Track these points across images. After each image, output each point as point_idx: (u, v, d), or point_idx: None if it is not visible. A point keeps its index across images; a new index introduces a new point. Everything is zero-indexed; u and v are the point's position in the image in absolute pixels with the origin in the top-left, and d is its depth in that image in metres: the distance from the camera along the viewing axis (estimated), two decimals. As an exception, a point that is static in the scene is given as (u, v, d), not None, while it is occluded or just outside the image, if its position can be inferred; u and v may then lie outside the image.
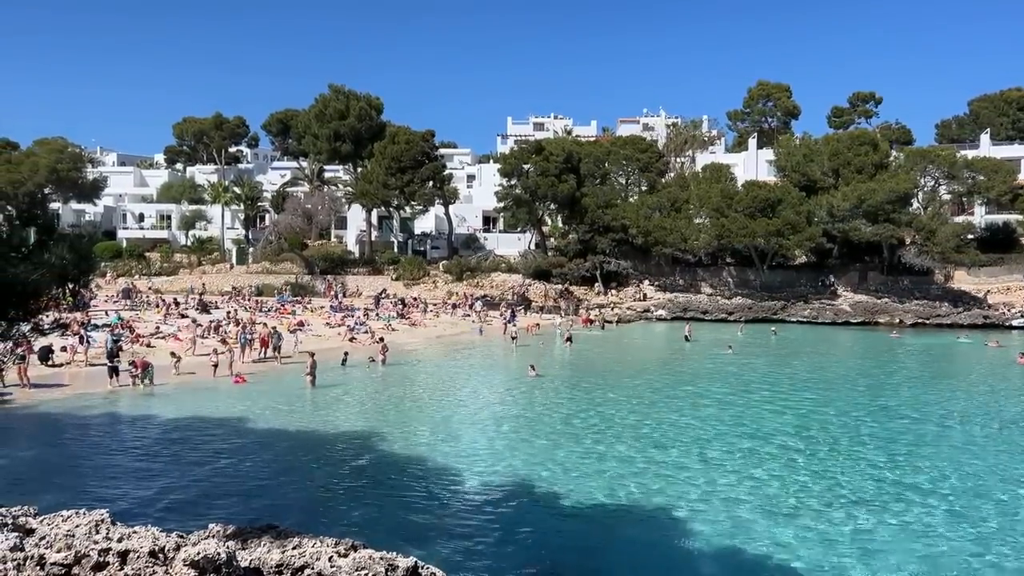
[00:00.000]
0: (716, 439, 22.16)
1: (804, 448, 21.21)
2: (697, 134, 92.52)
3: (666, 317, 60.87)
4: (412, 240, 77.66)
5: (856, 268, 65.08)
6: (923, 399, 29.15)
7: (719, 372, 35.57)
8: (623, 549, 14.25)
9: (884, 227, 60.04)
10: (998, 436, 23.06)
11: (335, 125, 71.98)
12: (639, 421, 24.57)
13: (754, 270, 65.11)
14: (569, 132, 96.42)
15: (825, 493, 17.18)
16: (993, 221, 67.11)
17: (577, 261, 66.11)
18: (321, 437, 22.41)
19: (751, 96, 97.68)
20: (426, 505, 16.32)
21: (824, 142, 70.20)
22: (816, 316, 60.44)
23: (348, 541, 7.89)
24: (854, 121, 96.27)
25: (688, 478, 18.26)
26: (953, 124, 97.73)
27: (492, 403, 28.32)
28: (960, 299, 60.64)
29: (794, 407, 27.20)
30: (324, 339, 42.78)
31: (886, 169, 64.20)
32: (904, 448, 21.29)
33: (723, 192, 63.93)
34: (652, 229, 63.89)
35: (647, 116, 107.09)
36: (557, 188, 65.41)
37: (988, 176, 63.24)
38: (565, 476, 18.42)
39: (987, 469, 19.28)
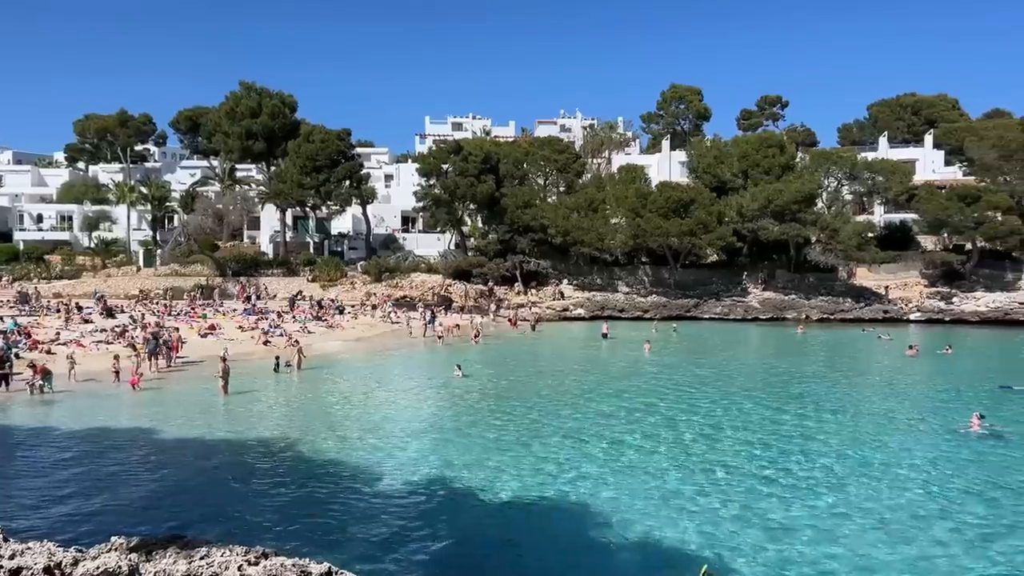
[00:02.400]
0: (633, 434, 22.59)
1: (712, 437, 21.90)
2: (613, 136, 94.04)
3: (584, 316, 61.64)
4: (329, 241, 76.32)
5: (765, 266, 67.23)
6: (818, 389, 30.41)
7: (637, 369, 36.24)
8: (543, 542, 14.38)
9: (791, 226, 62.23)
10: (886, 423, 24.25)
11: (247, 123, 70.10)
12: (560, 418, 24.80)
13: (668, 269, 66.55)
14: (488, 132, 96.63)
15: (731, 480, 17.73)
16: (891, 220, 70.37)
17: (497, 261, 66.23)
18: (233, 444, 21.80)
19: (664, 98, 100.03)
20: (343, 509, 16.08)
21: (734, 144, 72.28)
22: (728, 313, 62.25)
23: (259, 549, 7.68)
24: (762, 124, 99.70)
25: (606, 471, 18.56)
26: (854, 127, 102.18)
27: (413, 405, 28.10)
28: (862, 295, 63.36)
29: (702, 401, 27.92)
30: (237, 343, 41.61)
31: (792, 170, 66.53)
32: (801, 436, 22.27)
33: (638, 193, 65.12)
34: (570, 229, 64.58)
35: (564, 117, 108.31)
36: (476, 188, 65.40)
37: (887, 177, 66.23)
38: (486, 474, 18.44)
39: (873, 451, 20.29)
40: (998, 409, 25.74)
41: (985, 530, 14.82)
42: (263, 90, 72.08)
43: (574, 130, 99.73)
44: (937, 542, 14.26)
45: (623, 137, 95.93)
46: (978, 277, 63.19)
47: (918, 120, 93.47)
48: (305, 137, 69.01)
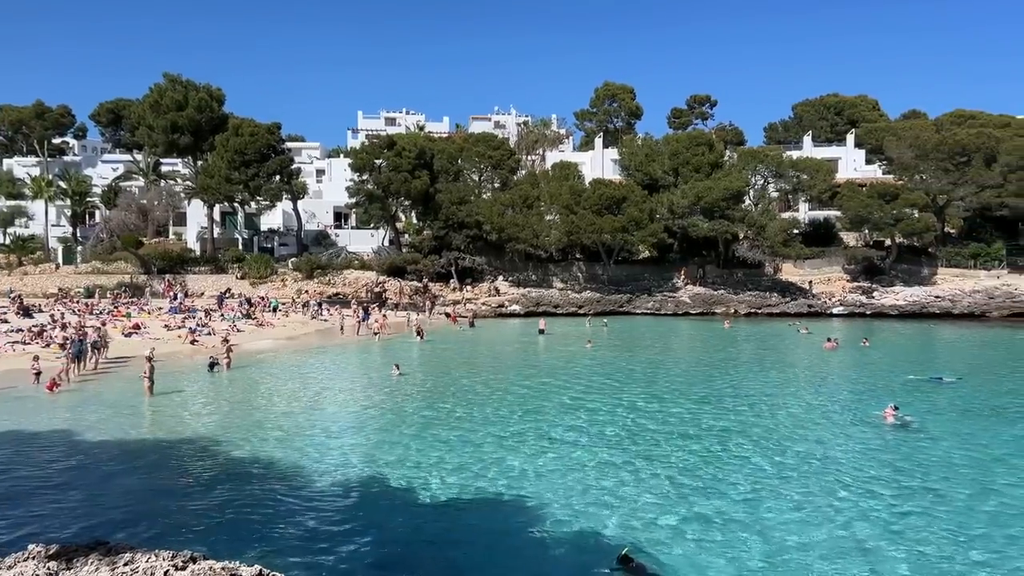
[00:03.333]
0: (564, 429, 22.79)
1: (638, 431, 22.24)
2: (547, 133, 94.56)
3: (520, 312, 61.88)
4: (258, 237, 74.76)
5: (695, 262, 68.63)
6: (740, 382, 31.22)
7: (572, 365, 36.54)
8: (477, 538, 14.41)
9: (720, 223, 63.67)
10: (805, 413, 25.08)
11: (172, 116, 68.01)
12: (496, 415, 24.84)
13: (602, 265, 67.34)
14: (422, 128, 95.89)
15: (654, 471, 18.09)
16: (815, 217, 72.67)
17: (432, 257, 65.94)
18: (159, 445, 21.18)
19: (597, 96, 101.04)
20: (274, 510, 15.80)
21: (665, 142, 73.53)
22: (659, 308, 63.35)
23: (187, 553, 7.48)
24: (692, 122, 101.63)
25: (537, 466, 18.68)
26: (779, 126, 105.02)
27: (346, 404, 27.73)
28: (788, 289, 65.27)
29: (630, 396, 28.32)
30: (163, 342, 40.44)
31: (721, 168, 68.02)
32: (722, 428, 22.78)
33: (572, 190, 65.68)
34: (505, 226, 64.74)
35: (498, 114, 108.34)
36: (410, 184, 64.96)
37: (811, 175, 68.34)
38: (420, 472, 18.36)
39: (790, 442, 20.97)
40: (912, 400, 26.84)
41: (893, 515, 15.41)
42: (189, 82, 70.10)
43: (508, 127, 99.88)
44: (847, 527, 14.79)
45: (557, 134, 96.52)
46: (897, 272, 65.80)
47: (840, 120, 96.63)
48: (233, 131, 67.42)
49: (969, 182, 63.66)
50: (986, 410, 25.49)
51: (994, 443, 21.03)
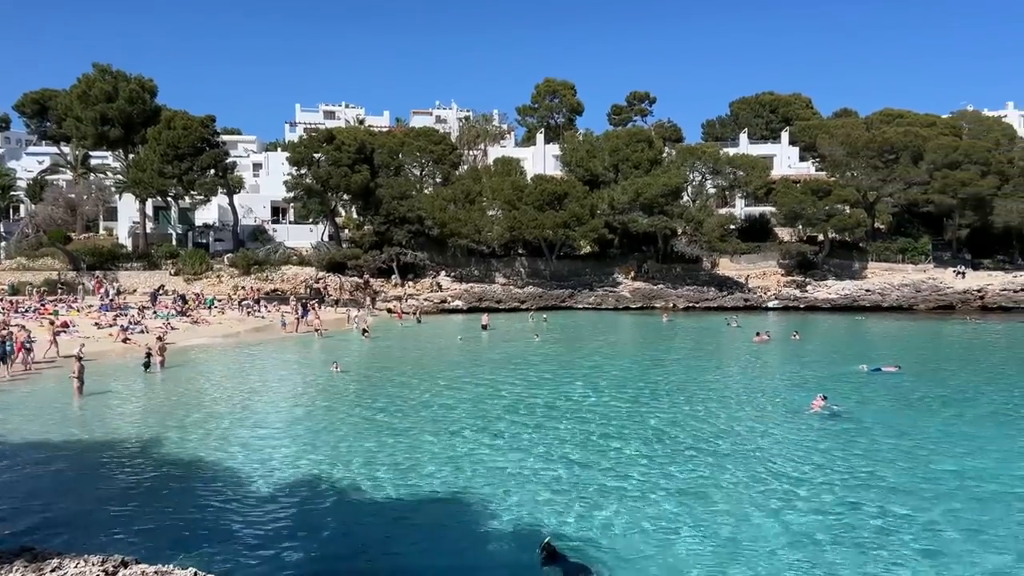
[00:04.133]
0: (507, 423, 22.81)
1: (575, 425, 22.43)
2: (489, 128, 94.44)
3: (462, 307, 61.74)
4: (193, 232, 72.89)
5: (635, 257, 69.43)
6: (673, 376, 31.81)
7: (514, 359, 36.61)
8: (422, 536, 14.31)
9: (659, 219, 64.53)
10: (731, 402, 25.66)
11: (102, 108, 65.75)
12: (438, 411, 24.72)
13: (544, 260, 67.62)
14: (361, 122, 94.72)
15: (589, 463, 18.25)
16: (751, 213, 74.23)
17: (373, 253, 65.26)
18: (89, 447, 20.48)
19: (539, 92, 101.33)
20: (209, 512, 15.42)
21: (605, 138, 74.10)
22: (600, 303, 63.99)
23: (117, 558, 7.21)
24: (631, 119, 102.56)
25: (483, 463, 18.65)
26: (717, 124, 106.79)
27: (284, 402, 27.23)
28: (725, 284, 66.55)
29: (567, 390, 28.59)
30: (94, 341, 39.13)
31: (660, 165, 68.91)
32: (655, 421, 23.14)
33: (514, 185, 65.76)
34: (447, 221, 64.47)
35: (440, 108, 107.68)
36: (350, 178, 64.17)
37: (747, 172, 69.70)
38: (360, 471, 18.14)
39: (721, 434, 21.44)
40: (842, 391, 27.64)
41: (818, 504, 15.84)
42: (119, 73, 67.86)
43: (450, 121, 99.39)
44: (773, 513, 15.17)
45: (499, 129, 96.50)
46: (829, 267, 67.67)
47: (775, 118, 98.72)
48: (166, 123, 65.56)
49: (897, 179, 65.81)
50: (914, 400, 26.39)
51: (919, 432, 21.78)
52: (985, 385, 29.18)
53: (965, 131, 71.30)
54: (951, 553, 13.23)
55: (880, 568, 12.70)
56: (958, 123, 73.95)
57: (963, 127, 72.58)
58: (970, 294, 61.85)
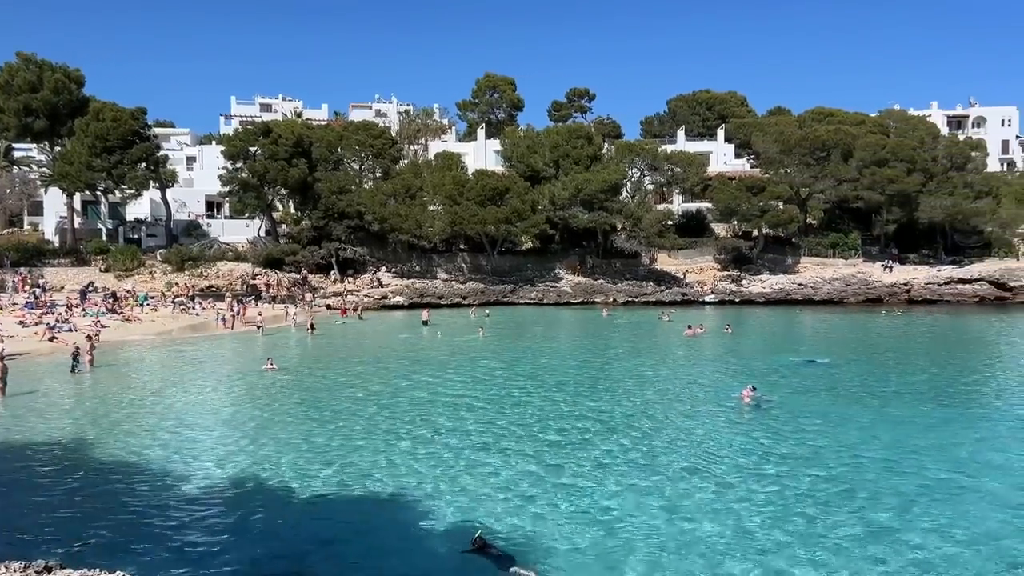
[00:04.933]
0: (444, 419, 22.78)
1: (521, 419, 22.54)
2: (429, 122, 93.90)
3: (403, 303, 61.36)
4: (124, 227, 70.69)
5: (576, 252, 69.96)
6: (607, 370, 32.31)
7: (458, 354, 36.56)
8: (357, 536, 14.18)
9: (599, 214, 65.15)
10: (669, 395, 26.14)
11: (25, 98, 63.23)
12: (375, 409, 24.51)
13: (486, 256, 67.63)
14: (299, 115, 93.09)
15: (525, 458, 18.39)
16: (688, 209, 75.46)
17: (311, 248, 64.31)
18: (11, 449, 19.72)
19: (479, 87, 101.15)
20: (140, 515, 15.01)
21: (546, 134, 74.43)
22: (542, 298, 64.35)
23: (40, 563, 6.97)
24: (571, 115, 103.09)
25: (420, 460, 18.55)
26: (655, 121, 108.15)
27: (217, 401, 26.65)
28: (663, 279, 67.54)
29: (502, 385, 28.76)
30: (18, 340, 37.69)
31: (600, 161, 69.55)
32: (587, 413, 23.47)
33: (455, 180, 65.57)
34: (388, 216, 63.94)
35: (380, 102, 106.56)
36: (288, 173, 63.10)
37: (684, 168, 70.81)
38: (298, 471, 17.87)
39: (654, 426, 21.88)
40: (770, 381, 28.35)
41: (747, 489, 16.32)
42: (44, 63, 65.32)
43: (390, 115, 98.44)
44: (702, 502, 15.58)
45: (440, 124, 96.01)
46: (763, 261, 69.29)
47: (712, 115, 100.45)
48: (94, 115, 63.39)
49: (828, 176, 67.70)
50: (841, 389, 27.23)
51: (843, 419, 22.49)
52: (910, 374, 30.32)
53: (892, 130, 73.65)
54: (874, 533, 13.68)
55: (809, 549, 13.04)
56: (885, 122, 76.39)
57: (890, 126, 74.96)
58: (897, 287, 64.07)
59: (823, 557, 12.87)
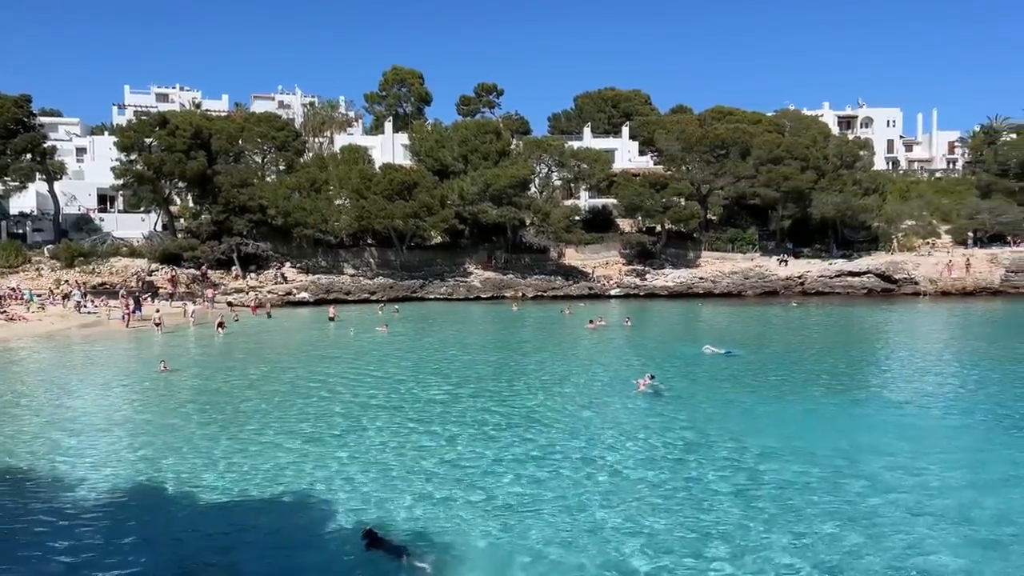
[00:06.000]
0: (346, 418, 22.42)
1: (422, 414, 22.48)
2: (335, 115, 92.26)
3: (309, 300, 60.14)
4: (7, 222, 66.63)
5: (485, 247, 70.10)
6: (508, 363, 32.57)
7: (364, 351, 36.08)
8: (259, 540, 13.84)
9: (508, 210, 65.44)
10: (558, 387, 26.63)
11: None
12: (272, 408, 23.84)
13: (394, 251, 66.96)
14: (198, 105, 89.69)
15: (417, 452, 18.46)
16: (595, 204, 76.73)
17: (211, 243, 62.19)
18: None
19: (386, 80, 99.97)
20: (26, 526, 14.21)
21: (454, 129, 74.26)
22: (452, 293, 64.23)
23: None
24: (480, 110, 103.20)
25: (322, 461, 18.20)
26: (562, 117, 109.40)
27: (107, 404, 25.42)
28: (571, 273, 68.47)
29: (417, 381, 28.57)
30: None
31: (508, 156, 69.87)
32: (486, 407, 23.66)
33: (362, 174, 64.62)
34: (292, 210, 62.48)
35: (283, 94, 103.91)
36: (185, 165, 60.84)
37: (590, 165, 71.90)
38: (193, 476, 17.23)
39: (550, 417, 22.24)
40: (668, 371, 29.13)
41: (640, 476, 16.82)
42: (-87, 43, 60.87)
43: (294, 107, 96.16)
44: (596, 491, 15.94)
45: (345, 117, 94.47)
46: (666, 256, 71.14)
47: (617, 113, 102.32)
48: (-28, 102, 59.52)
49: (727, 173, 70.04)
50: (737, 377, 28.24)
51: (736, 405, 23.38)
52: (802, 363, 31.77)
53: (787, 129, 76.77)
54: (762, 518, 14.19)
55: (703, 535, 13.44)
56: (781, 121, 79.55)
57: (785, 125, 78.10)
58: (792, 280, 66.90)
59: (705, 539, 13.30)
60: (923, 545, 13.03)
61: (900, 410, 23.08)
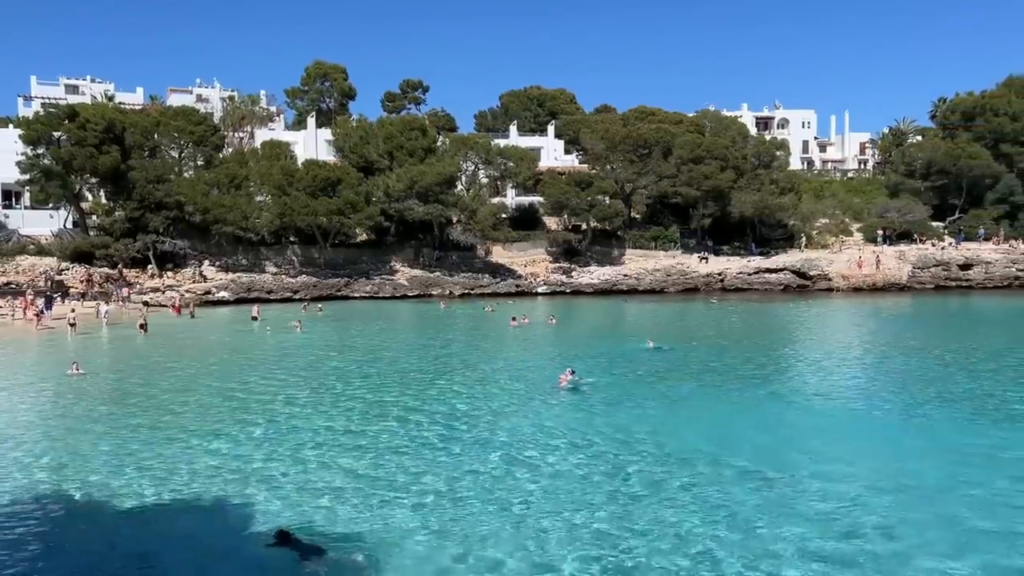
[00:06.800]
0: (271, 422, 21.90)
1: (357, 413, 22.23)
2: (256, 110, 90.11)
3: (229, 299, 58.61)
4: (-99, 218, 62.95)
5: (412, 245, 69.60)
6: (426, 361, 32.42)
7: (287, 351, 35.39)
8: (175, 546, 13.43)
9: (434, 207, 65.09)
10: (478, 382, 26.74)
11: None
12: (194, 413, 23.17)
13: (318, 248, 65.84)
14: (111, 98, 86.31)
15: (336, 454, 18.28)
16: (521, 202, 77.07)
17: (126, 241, 59.99)
18: None
19: (309, 75, 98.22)
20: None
21: (379, 125, 73.45)
22: (378, 291, 63.52)
23: None
24: (405, 107, 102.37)
25: (239, 463, 17.77)
26: (488, 115, 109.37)
27: (13, 410, 24.25)
28: (498, 271, 68.58)
29: (340, 381, 28.26)
30: None
31: (434, 153, 69.51)
32: (405, 406, 23.61)
33: (284, 170, 63.34)
34: (211, 207, 60.75)
35: (201, 87, 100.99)
36: (97, 160, 58.53)
37: (516, 163, 72.16)
38: (103, 481, 16.58)
39: (472, 415, 22.27)
40: (589, 367, 29.48)
41: (556, 470, 17.05)
42: None
43: (212, 101, 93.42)
44: (516, 483, 16.18)
45: (267, 112, 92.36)
46: (592, 254, 71.95)
47: (543, 111, 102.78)
48: None
49: (650, 172, 71.25)
50: (658, 371, 28.86)
51: (655, 399, 23.88)
52: (724, 357, 32.59)
53: (708, 129, 78.56)
54: (678, 508, 14.48)
55: (618, 527, 13.62)
56: (702, 122, 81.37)
57: (706, 126, 79.91)
58: (712, 277, 68.54)
59: (621, 533, 13.48)
60: (832, 529, 13.51)
61: (814, 402, 23.97)
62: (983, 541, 13.02)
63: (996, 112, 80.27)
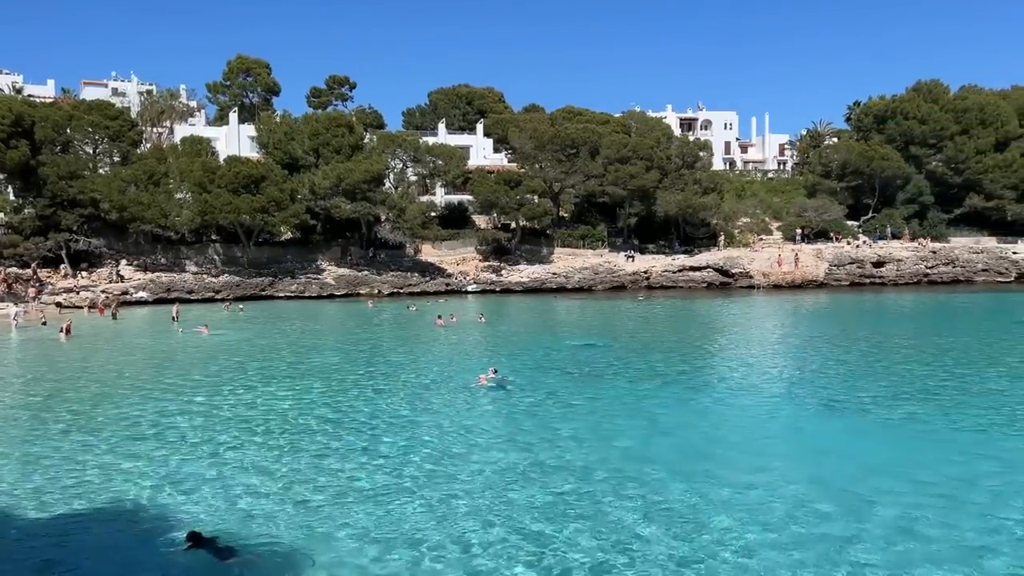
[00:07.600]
0: (187, 428, 21.22)
1: (271, 415, 21.81)
2: (175, 104, 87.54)
3: (148, 299, 56.79)
4: None
5: (339, 243, 68.70)
6: (347, 362, 32.22)
7: (207, 353, 34.50)
8: (89, 556, 12.94)
9: (362, 205, 64.38)
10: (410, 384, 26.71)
11: None
12: (108, 419, 22.29)
13: (241, 247, 64.36)
14: (19, 91, 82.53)
15: (257, 459, 17.94)
16: (451, 201, 76.91)
17: (36, 240, 57.48)
18: None
19: (231, 69, 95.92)
20: None
21: (304, 122, 72.22)
22: (303, 290, 62.47)
23: None
24: (331, 103, 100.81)
25: (155, 470, 17.22)
26: (417, 113, 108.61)
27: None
28: (427, 270, 68.30)
29: (260, 382, 27.70)
30: None
31: (361, 151, 68.73)
32: (330, 405, 23.39)
33: (205, 167, 61.66)
34: (128, 204, 58.67)
35: (117, 80, 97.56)
36: (5, 155, 55.91)
37: (445, 161, 71.96)
38: (8, 488, 15.86)
39: (393, 414, 22.21)
40: (514, 365, 29.65)
41: (472, 470, 16.99)
42: None
43: (129, 95, 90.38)
44: (436, 484, 16.04)
45: (187, 107, 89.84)
46: (521, 252, 72.34)
47: (471, 110, 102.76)
48: None
49: (578, 172, 72.04)
50: (580, 369, 29.17)
51: (579, 396, 24.08)
52: (648, 353, 33.21)
53: (633, 130, 79.84)
54: (600, 503, 14.65)
55: (537, 524, 13.65)
56: (628, 122, 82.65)
57: (632, 126, 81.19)
58: (639, 275, 69.73)
59: (542, 529, 13.53)
60: (757, 520, 13.90)
61: (737, 395, 24.60)
62: (889, 524, 13.58)
63: (906, 115, 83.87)
